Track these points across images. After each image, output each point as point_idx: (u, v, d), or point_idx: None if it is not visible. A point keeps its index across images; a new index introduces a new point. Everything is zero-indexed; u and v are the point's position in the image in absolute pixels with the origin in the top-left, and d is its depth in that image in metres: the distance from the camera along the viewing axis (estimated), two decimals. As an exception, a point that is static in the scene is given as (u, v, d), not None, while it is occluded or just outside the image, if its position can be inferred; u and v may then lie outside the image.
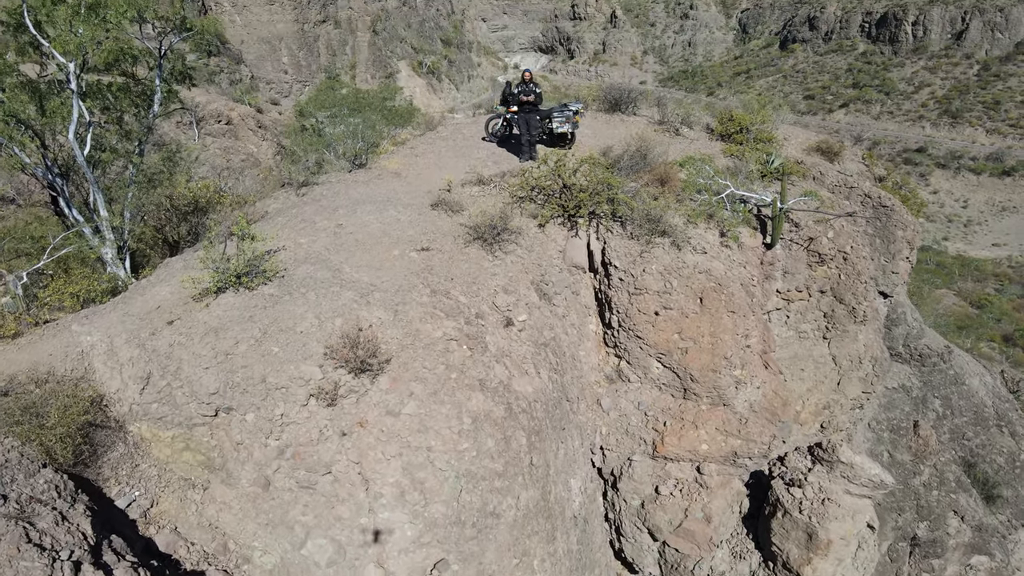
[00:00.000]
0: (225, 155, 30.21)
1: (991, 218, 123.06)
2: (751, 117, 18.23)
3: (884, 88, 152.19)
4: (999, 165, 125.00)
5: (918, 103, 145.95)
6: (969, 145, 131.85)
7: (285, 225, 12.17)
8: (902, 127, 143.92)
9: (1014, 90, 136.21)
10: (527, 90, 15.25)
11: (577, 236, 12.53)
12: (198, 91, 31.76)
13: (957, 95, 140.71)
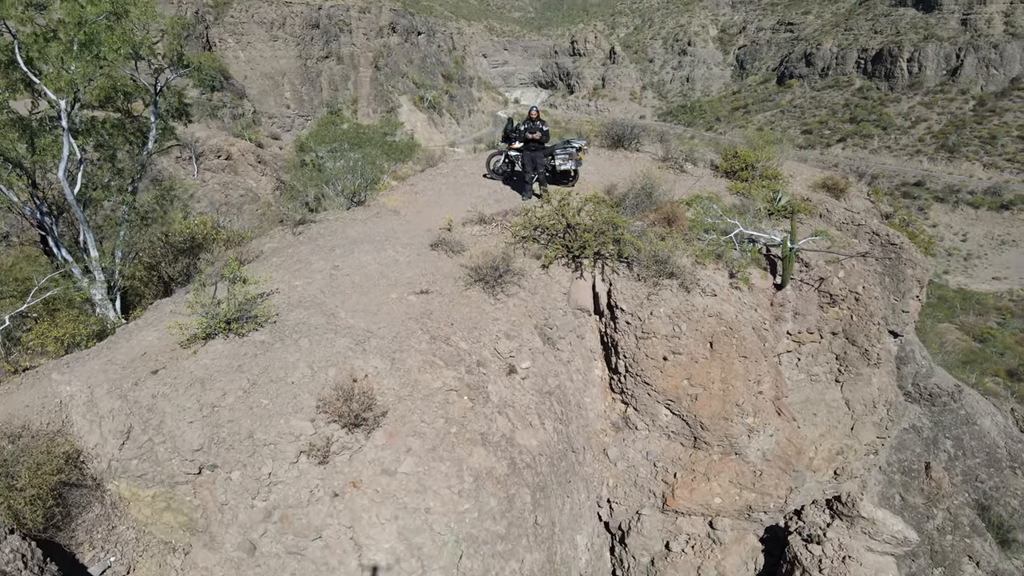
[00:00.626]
0: (224, 190, 30.01)
1: (991, 252, 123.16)
2: (756, 154, 17.96)
3: (881, 123, 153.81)
4: (997, 199, 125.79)
5: (915, 138, 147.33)
6: (967, 179, 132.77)
7: (280, 266, 11.77)
8: (900, 161, 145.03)
9: (1010, 125, 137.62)
10: (533, 128, 15.00)
11: (582, 277, 12.11)
12: (198, 126, 31.71)
13: (954, 130, 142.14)
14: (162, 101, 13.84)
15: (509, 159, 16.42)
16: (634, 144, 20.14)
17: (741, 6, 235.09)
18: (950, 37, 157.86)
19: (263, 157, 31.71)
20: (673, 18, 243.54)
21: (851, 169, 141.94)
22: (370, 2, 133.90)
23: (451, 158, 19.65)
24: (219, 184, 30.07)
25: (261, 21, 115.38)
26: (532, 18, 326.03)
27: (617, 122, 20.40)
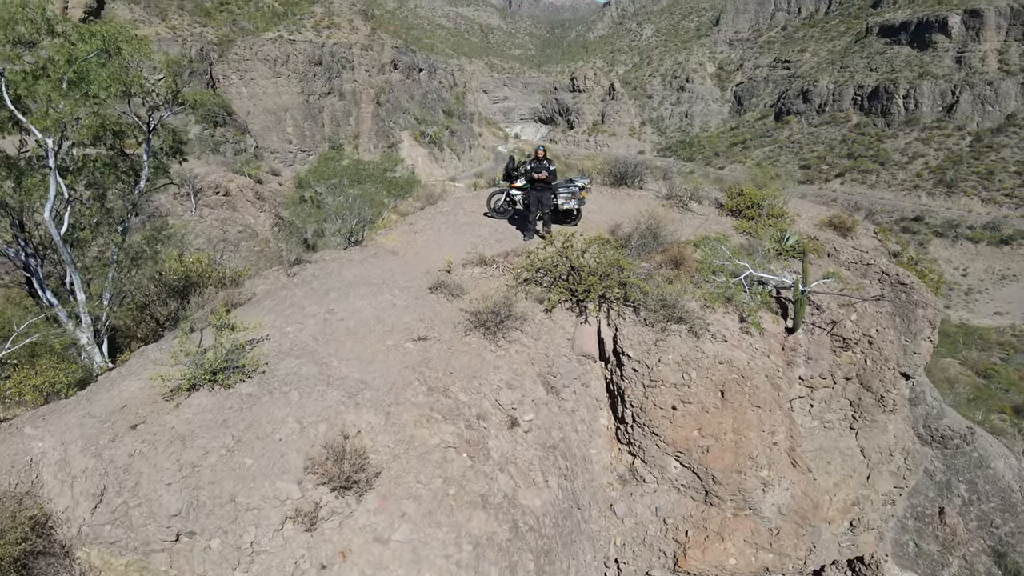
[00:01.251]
0: (222, 227, 29.72)
1: (991, 286, 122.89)
2: (762, 193, 17.64)
3: (878, 158, 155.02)
4: (996, 234, 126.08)
5: (913, 173, 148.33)
6: (965, 214, 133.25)
7: (272, 309, 11.30)
8: (898, 196, 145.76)
9: (1007, 160, 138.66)
10: (539, 167, 14.66)
11: (587, 322, 11.63)
12: (197, 163, 31.57)
13: (951, 165, 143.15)
14: (156, 139, 13.55)
15: (511, 197, 16.08)
16: (637, 182, 19.85)
17: (738, 44, 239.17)
18: (945, 74, 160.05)
19: (262, 193, 31.50)
20: (671, 56, 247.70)
21: (850, 204, 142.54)
22: (372, 40, 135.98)
23: (451, 196, 19.33)
24: (217, 220, 29.79)
25: (265, 58, 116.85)
26: (532, 55, 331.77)
27: (619, 160, 20.14)
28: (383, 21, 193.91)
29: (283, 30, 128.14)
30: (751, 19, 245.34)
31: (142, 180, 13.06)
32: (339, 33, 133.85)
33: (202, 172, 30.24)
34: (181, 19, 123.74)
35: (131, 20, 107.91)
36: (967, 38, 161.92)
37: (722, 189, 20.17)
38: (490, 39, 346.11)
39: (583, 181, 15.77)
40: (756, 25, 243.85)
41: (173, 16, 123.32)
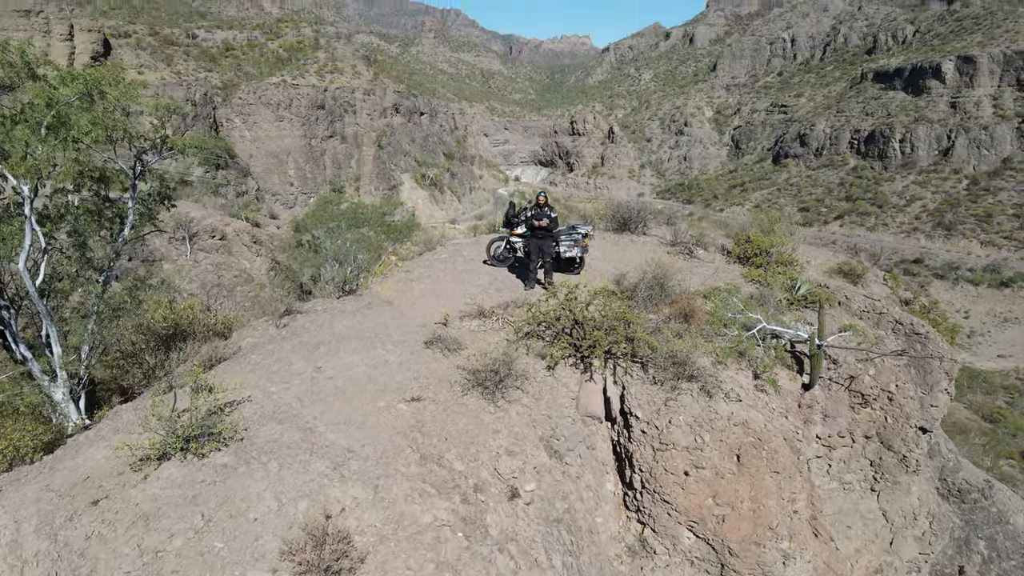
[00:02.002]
0: (217, 271, 29.17)
1: (994, 329, 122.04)
2: (770, 240, 17.11)
3: (877, 201, 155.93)
4: (997, 276, 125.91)
5: (911, 215, 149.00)
6: (965, 256, 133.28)
7: (257, 365, 10.61)
8: (897, 239, 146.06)
9: (1005, 203, 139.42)
10: (540, 214, 14.10)
11: (592, 380, 10.93)
12: (193, 206, 31.22)
13: (949, 208, 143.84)
14: (143, 185, 13.05)
15: (511, 245, 15.53)
16: (641, 227, 19.35)
17: (735, 89, 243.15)
18: (940, 119, 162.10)
19: (259, 237, 31.05)
20: (669, 100, 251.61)
21: (849, 246, 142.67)
22: (375, 84, 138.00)
23: (450, 242, 18.80)
24: (212, 265, 29.26)
25: (268, 102, 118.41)
26: (532, 99, 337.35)
27: (622, 205, 19.69)
28: (385, 66, 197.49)
29: (287, 75, 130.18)
30: (747, 65, 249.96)
31: (126, 228, 12.49)
32: (342, 78, 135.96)
33: (198, 216, 29.83)
34: (187, 64, 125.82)
35: (136, 65, 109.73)
36: (961, 84, 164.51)
37: (728, 235, 19.67)
38: (491, 84, 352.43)
39: (586, 228, 15.24)
40: (753, 71, 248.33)
41: (179, 61, 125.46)
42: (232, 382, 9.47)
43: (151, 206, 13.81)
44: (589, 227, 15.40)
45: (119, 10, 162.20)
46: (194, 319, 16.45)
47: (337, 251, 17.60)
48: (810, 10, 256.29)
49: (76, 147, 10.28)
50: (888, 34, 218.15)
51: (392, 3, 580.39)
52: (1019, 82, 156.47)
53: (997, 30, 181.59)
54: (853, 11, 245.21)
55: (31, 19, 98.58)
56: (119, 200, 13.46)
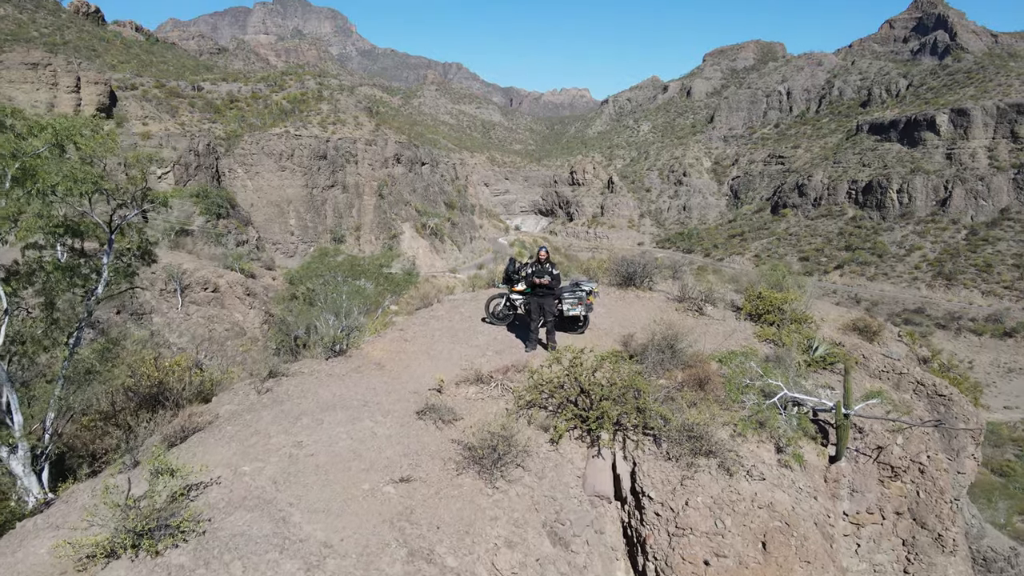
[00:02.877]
0: (208, 324, 28.32)
1: (999, 380, 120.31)
2: (783, 296, 16.30)
3: (876, 251, 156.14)
4: (999, 326, 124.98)
5: (911, 265, 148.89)
6: (967, 306, 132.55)
7: (232, 438, 9.65)
8: (898, 288, 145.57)
9: (1004, 253, 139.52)
10: (542, 271, 13.28)
11: (599, 455, 9.93)
12: (187, 257, 30.56)
13: (948, 258, 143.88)
14: (120, 240, 12.31)
15: (511, 302, 14.70)
16: (647, 282, 18.57)
17: (733, 140, 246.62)
18: (936, 170, 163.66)
19: (253, 289, 30.28)
20: (668, 151, 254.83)
21: (850, 296, 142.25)
22: (376, 135, 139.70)
23: (447, 298, 17.97)
24: (203, 318, 28.42)
25: (271, 152, 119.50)
26: (532, 150, 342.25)
27: (627, 259, 18.94)
28: (387, 118, 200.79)
29: (290, 126, 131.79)
30: (744, 117, 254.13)
31: (99, 286, 11.69)
32: (344, 129, 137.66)
33: (191, 267, 29.11)
34: (191, 116, 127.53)
35: (141, 116, 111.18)
36: (955, 135, 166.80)
37: (738, 290, 18.87)
38: (491, 135, 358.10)
39: (590, 285, 14.45)
40: (749, 122, 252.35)
41: (184, 113, 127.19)
42: (201, 460, 8.52)
43: (129, 262, 13.07)
44: (593, 284, 14.60)
45: (127, 63, 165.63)
46: (180, 376, 15.54)
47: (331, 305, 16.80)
48: (804, 64, 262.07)
49: (45, 200, 9.58)
50: (882, 87, 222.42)
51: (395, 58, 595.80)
52: (1013, 134, 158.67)
53: (989, 84, 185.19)
54: (847, 65, 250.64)
55: (39, 71, 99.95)
56: (96, 255, 12.72)
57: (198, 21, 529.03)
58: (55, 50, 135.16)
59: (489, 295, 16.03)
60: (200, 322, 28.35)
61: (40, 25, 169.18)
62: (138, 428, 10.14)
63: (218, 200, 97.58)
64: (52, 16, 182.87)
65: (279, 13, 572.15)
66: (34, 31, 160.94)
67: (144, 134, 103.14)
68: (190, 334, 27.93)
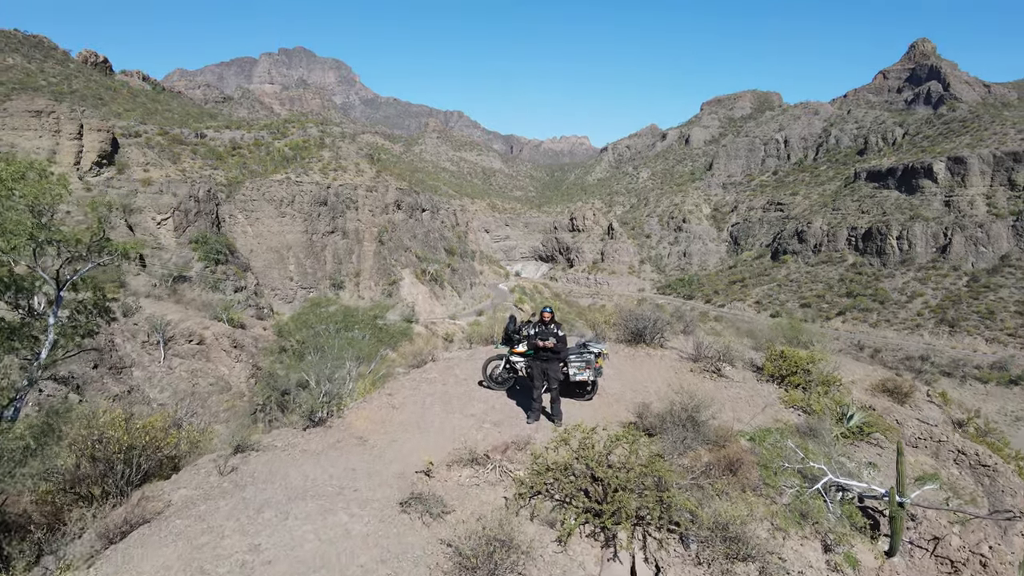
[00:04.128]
0: (192, 378, 26.80)
1: (1006, 428, 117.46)
2: (809, 355, 14.87)
3: (877, 297, 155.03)
4: (1005, 374, 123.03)
5: (913, 312, 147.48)
6: (971, 353, 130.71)
7: (180, 536, 8.11)
8: (901, 335, 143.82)
9: (1006, 300, 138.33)
10: (545, 333, 11.83)
11: (616, 559, 8.34)
12: (173, 307, 29.21)
13: (951, 305, 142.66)
14: (71, 296, 10.97)
15: (511, 365, 13.22)
16: (657, 339, 17.14)
17: (731, 187, 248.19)
18: (936, 217, 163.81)
19: (240, 341, 28.83)
20: (667, 197, 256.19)
21: (853, 343, 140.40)
22: (377, 181, 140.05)
23: (442, 356, 16.51)
24: (187, 372, 26.92)
25: (271, 199, 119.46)
26: (533, 197, 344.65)
27: (635, 314, 17.56)
28: (388, 164, 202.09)
29: (291, 172, 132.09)
30: (743, 164, 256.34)
31: (44, 350, 10.28)
32: (345, 175, 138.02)
33: (176, 318, 27.74)
34: (193, 162, 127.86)
35: (143, 163, 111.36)
36: (953, 183, 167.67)
37: (756, 347, 17.42)
38: (492, 181, 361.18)
39: (599, 347, 13.01)
40: (748, 170, 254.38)
41: (186, 159, 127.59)
42: (136, 568, 6.98)
43: (85, 320, 11.69)
44: (602, 345, 13.15)
45: (132, 111, 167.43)
46: (155, 437, 14.00)
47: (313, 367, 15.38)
48: (801, 113, 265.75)
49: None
50: (878, 136, 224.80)
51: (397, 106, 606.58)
52: (1011, 181, 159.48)
53: (985, 132, 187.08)
54: (843, 114, 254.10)
55: (42, 119, 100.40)
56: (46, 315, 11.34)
57: (204, 71, 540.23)
58: (61, 98, 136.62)
59: (487, 356, 14.58)
60: (183, 376, 26.84)
61: (48, 74, 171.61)
62: (66, 530, 8.55)
63: (217, 246, 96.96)
64: (60, 66, 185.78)
65: (284, 63, 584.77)
66: (42, 80, 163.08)
67: (145, 180, 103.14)
68: (172, 389, 26.39)
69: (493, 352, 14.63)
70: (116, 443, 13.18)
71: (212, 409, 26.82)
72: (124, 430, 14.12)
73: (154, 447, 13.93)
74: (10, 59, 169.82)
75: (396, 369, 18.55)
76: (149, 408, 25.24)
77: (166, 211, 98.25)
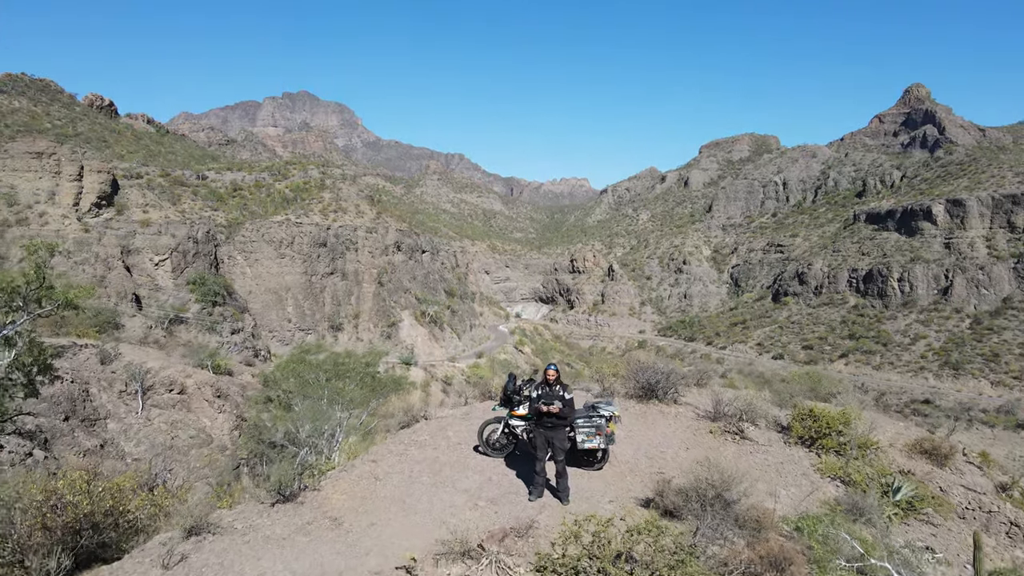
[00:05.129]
0: (171, 430, 25.15)
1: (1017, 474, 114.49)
2: (842, 415, 13.35)
3: (880, 340, 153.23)
4: (1012, 418, 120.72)
5: (916, 354, 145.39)
6: (976, 397, 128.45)
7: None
8: (905, 378, 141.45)
9: (1011, 343, 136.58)
10: (551, 396, 10.29)
11: None
12: (151, 354, 27.70)
13: (954, 347, 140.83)
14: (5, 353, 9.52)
15: (510, 429, 11.66)
16: (671, 394, 15.61)
17: (731, 229, 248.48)
18: (936, 259, 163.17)
19: (225, 390, 27.21)
20: (667, 239, 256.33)
21: (857, 386, 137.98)
22: (377, 223, 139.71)
23: (434, 414, 14.96)
24: (166, 423, 25.29)
25: (271, 240, 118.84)
26: (533, 238, 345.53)
27: (647, 366, 16.06)
28: (389, 206, 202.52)
29: (291, 214, 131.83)
30: (742, 206, 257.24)
31: (-36, 417, 8.80)
32: (345, 216, 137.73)
33: (156, 366, 26.19)
34: (194, 203, 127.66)
35: (142, 204, 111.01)
36: (952, 225, 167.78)
37: (778, 402, 15.88)
38: (492, 223, 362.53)
39: (610, 409, 11.46)
40: (747, 211, 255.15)
41: (186, 200, 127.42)
42: None
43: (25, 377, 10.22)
44: (614, 407, 11.59)
45: (135, 153, 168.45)
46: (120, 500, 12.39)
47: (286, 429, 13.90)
48: (799, 156, 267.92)
49: None
50: (876, 178, 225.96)
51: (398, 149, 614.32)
52: (1010, 224, 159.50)
53: (982, 175, 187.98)
54: (840, 157, 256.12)
55: (42, 160, 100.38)
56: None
57: (209, 114, 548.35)
58: (65, 140, 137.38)
59: (484, 419, 12.99)
60: (162, 428, 25.17)
61: (53, 117, 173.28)
62: None
63: (215, 287, 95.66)
64: (66, 109, 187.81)
65: (288, 107, 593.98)
66: (47, 123, 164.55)
67: (144, 221, 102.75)
68: (149, 442, 24.70)
69: (491, 414, 13.08)
70: (71, 510, 11.58)
71: (191, 464, 25.13)
72: (86, 493, 12.47)
73: (118, 512, 12.35)
74: (16, 102, 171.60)
75: (387, 424, 17.07)
76: (123, 463, 23.55)
77: (164, 252, 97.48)
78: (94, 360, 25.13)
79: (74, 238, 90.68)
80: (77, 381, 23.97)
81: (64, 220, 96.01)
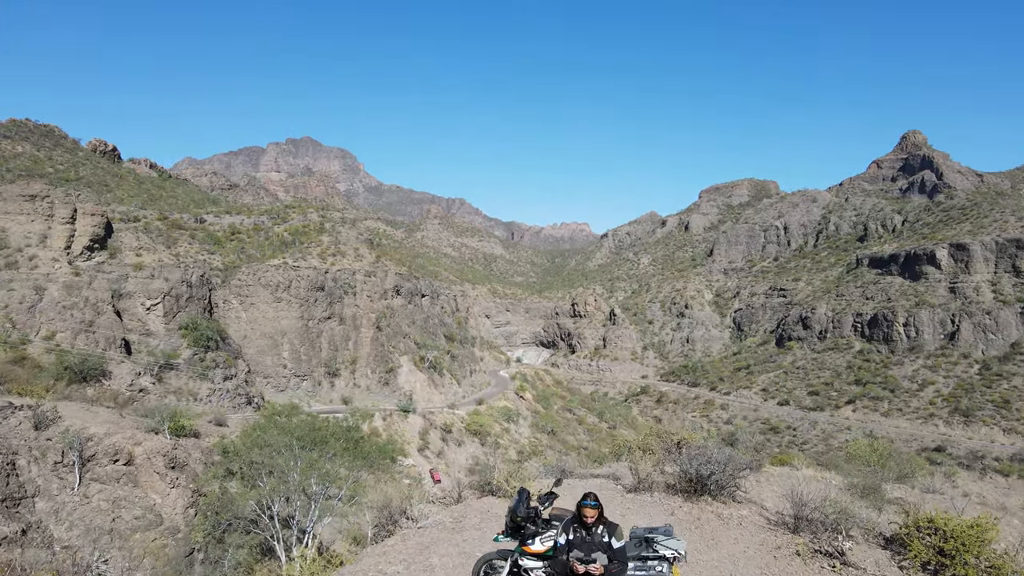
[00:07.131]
0: (113, 510, 21.32)
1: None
2: (976, 527, 9.69)
3: (888, 385, 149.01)
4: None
5: (925, 400, 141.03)
6: (988, 444, 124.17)
7: None
8: (914, 425, 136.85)
9: (1021, 389, 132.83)
10: (589, 545, 6.61)
11: None
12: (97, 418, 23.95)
13: (964, 393, 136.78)
14: None
15: (518, 571, 7.81)
16: (729, 489, 11.93)
17: (733, 273, 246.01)
18: (942, 303, 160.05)
19: (180, 459, 23.40)
20: (669, 283, 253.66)
21: (866, 433, 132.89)
22: (376, 267, 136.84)
23: (415, 524, 11.27)
24: (107, 501, 21.48)
25: (267, 284, 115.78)
26: (534, 282, 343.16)
27: (695, 451, 12.40)
28: (389, 250, 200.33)
29: (288, 257, 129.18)
30: (743, 250, 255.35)
31: None
32: (344, 260, 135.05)
33: (100, 432, 22.49)
34: (190, 247, 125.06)
35: (135, 247, 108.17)
36: (957, 269, 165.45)
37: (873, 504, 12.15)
38: (493, 267, 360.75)
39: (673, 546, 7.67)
40: (749, 255, 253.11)
41: (183, 244, 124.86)
42: None
43: None
44: (678, 543, 7.81)
45: (136, 197, 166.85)
46: None
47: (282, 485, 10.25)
48: (799, 200, 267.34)
49: None
50: (877, 223, 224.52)
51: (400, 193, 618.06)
52: (1015, 268, 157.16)
53: (984, 220, 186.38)
54: (840, 202, 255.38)
55: (35, 203, 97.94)
56: None
57: (213, 159, 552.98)
58: (67, 185, 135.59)
59: (481, 557, 8.84)
60: (101, 508, 21.34)
61: (56, 162, 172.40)
62: None
63: (208, 332, 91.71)
64: (69, 154, 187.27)
65: (291, 152, 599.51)
66: (49, 167, 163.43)
67: (137, 265, 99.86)
68: (84, 525, 20.82)
69: (491, 551, 9.02)
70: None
71: (134, 551, 21.19)
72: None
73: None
74: (19, 147, 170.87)
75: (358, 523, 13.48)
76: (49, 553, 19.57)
77: (156, 296, 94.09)
78: (27, 425, 21.44)
79: (64, 281, 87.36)
80: (2, 452, 20.19)
81: (54, 263, 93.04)
